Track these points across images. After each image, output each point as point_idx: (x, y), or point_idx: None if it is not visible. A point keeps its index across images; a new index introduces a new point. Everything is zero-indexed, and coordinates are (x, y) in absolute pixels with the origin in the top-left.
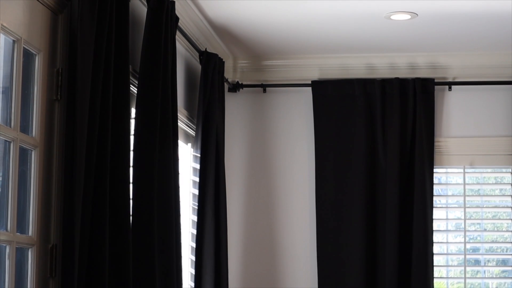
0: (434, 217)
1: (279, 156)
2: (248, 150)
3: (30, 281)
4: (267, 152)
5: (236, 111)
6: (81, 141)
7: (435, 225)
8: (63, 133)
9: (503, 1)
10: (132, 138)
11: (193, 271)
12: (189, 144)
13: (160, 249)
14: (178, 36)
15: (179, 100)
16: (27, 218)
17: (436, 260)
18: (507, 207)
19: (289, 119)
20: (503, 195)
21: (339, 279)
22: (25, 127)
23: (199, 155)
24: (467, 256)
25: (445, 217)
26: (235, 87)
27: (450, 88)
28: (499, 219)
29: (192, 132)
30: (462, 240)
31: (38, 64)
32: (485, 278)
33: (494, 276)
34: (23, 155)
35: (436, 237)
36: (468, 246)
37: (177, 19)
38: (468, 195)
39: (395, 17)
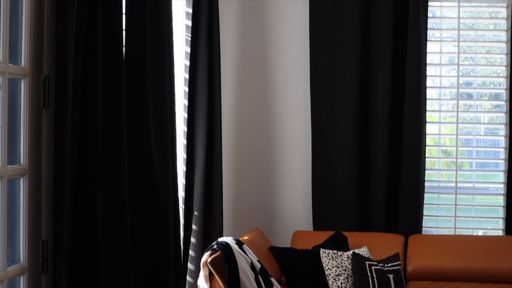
0: (428, 50)
1: (273, 6)
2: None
3: (23, 112)
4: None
5: None
6: None
7: (429, 59)
8: None
9: None
10: None
11: (186, 102)
12: None
13: (153, 83)
14: None
15: None
16: (19, 49)
17: (429, 93)
18: (501, 41)
19: None
20: (497, 30)
21: (331, 112)
22: None
23: None
24: (460, 90)
25: (439, 51)
26: None
27: None
28: (493, 53)
29: None
30: (456, 74)
31: None
32: (477, 112)
33: (486, 110)
34: None
35: (429, 71)
36: (461, 80)
37: None
38: (462, 29)
39: None
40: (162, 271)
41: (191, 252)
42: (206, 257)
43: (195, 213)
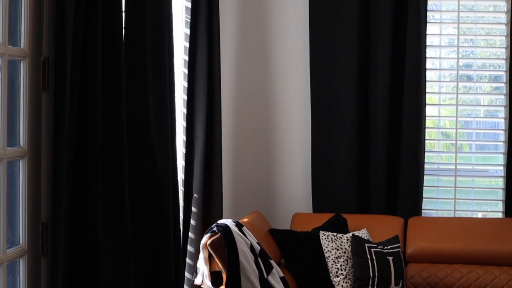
0: (427, 32)
1: None
2: None
3: (23, 94)
4: None
5: None
6: None
7: (429, 41)
8: None
9: None
10: None
11: (185, 84)
12: None
13: (153, 65)
14: None
15: None
16: (19, 30)
17: (429, 75)
18: (501, 23)
19: None
20: (497, 11)
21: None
22: None
23: None
24: (460, 72)
25: (438, 33)
26: None
27: None
28: (493, 35)
29: None
30: (455, 56)
31: None
32: (477, 94)
33: (486, 92)
34: None
35: (429, 53)
36: (460, 62)
37: None
38: (462, 11)
39: None
40: (162, 253)
41: (190, 234)
42: (205, 239)
43: (195, 195)
